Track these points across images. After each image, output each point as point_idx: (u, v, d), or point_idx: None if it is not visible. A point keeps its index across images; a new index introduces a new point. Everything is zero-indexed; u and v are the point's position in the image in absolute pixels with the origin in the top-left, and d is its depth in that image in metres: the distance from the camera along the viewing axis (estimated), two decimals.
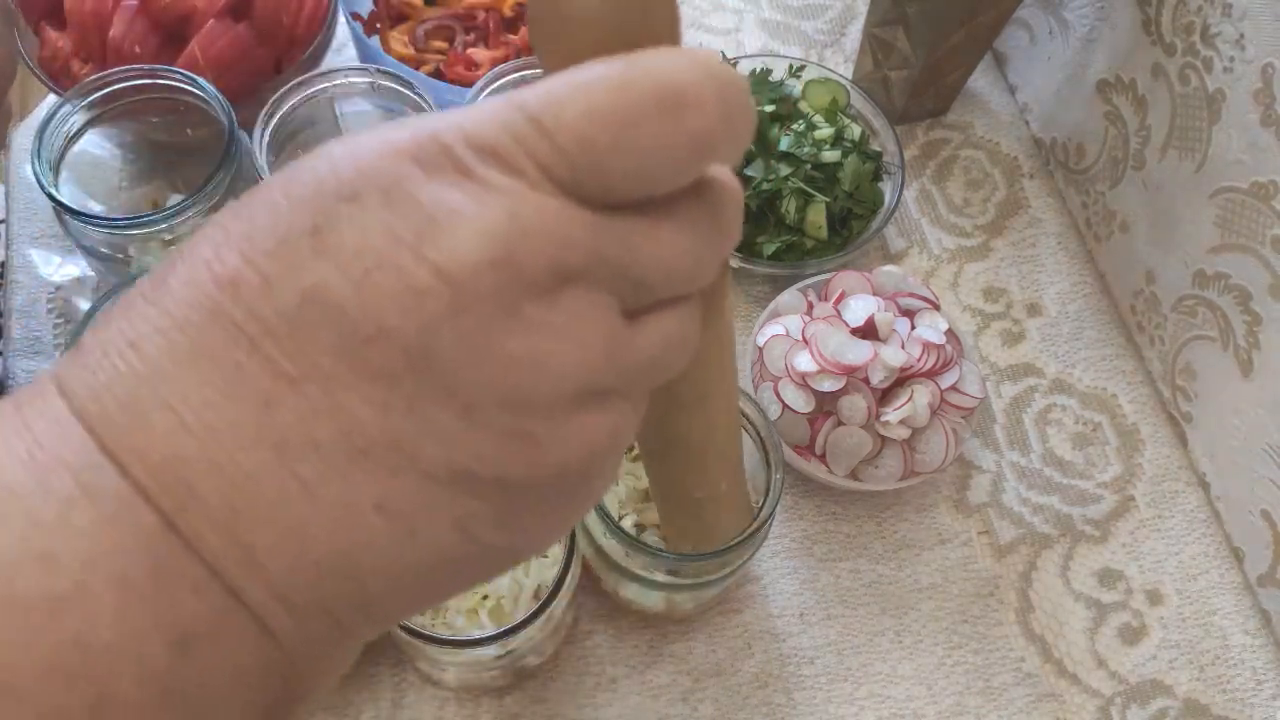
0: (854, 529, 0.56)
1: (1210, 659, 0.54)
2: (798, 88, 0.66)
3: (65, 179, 0.52)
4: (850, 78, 0.68)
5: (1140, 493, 0.59)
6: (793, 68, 0.67)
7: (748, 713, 0.51)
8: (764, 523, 0.42)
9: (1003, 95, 0.72)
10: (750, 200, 0.61)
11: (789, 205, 0.61)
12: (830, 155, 0.62)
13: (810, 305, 0.57)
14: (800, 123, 0.63)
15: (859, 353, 0.52)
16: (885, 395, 0.53)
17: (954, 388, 0.53)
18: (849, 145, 0.63)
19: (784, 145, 0.62)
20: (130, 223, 0.49)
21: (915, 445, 0.53)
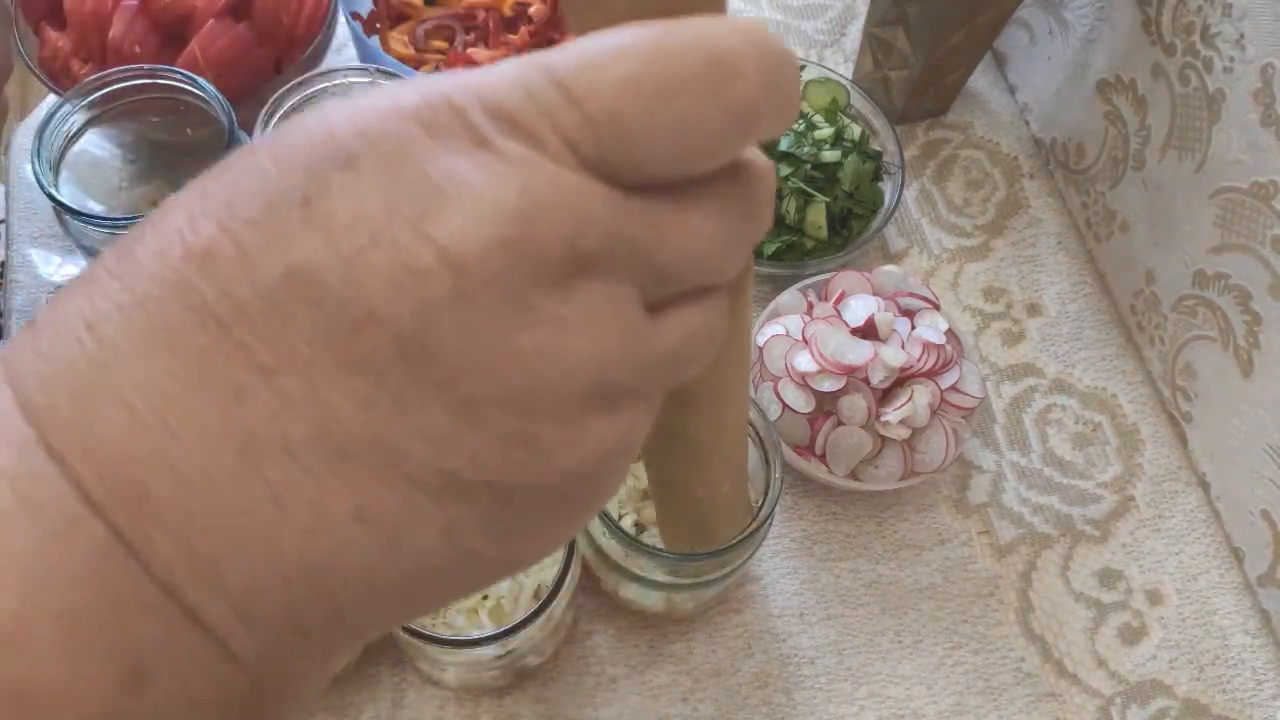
0: (854, 529, 0.56)
1: (1210, 659, 0.54)
2: None
3: (65, 179, 0.52)
4: (850, 78, 0.68)
5: (1140, 493, 0.59)
6: None
7: (748, 713, 0.51)
8: (764, 522, 0.42)
9: (1003, 95, 0.72)
10: None
11: (789, 205, 0.61)
12: (830, 155, 0.62)
13: (810, 305, 0.57)
14: (800, 122, 0.63)
15: (859, 353, 0.52)
16: (885, 395, 0.53)
17: (954, 388, 0.53)
18: (849, 145, 0.63)
19: (784, 145, 0.62)
20: (130, 223, 0.49)
21: (915, 445, 0.53)
